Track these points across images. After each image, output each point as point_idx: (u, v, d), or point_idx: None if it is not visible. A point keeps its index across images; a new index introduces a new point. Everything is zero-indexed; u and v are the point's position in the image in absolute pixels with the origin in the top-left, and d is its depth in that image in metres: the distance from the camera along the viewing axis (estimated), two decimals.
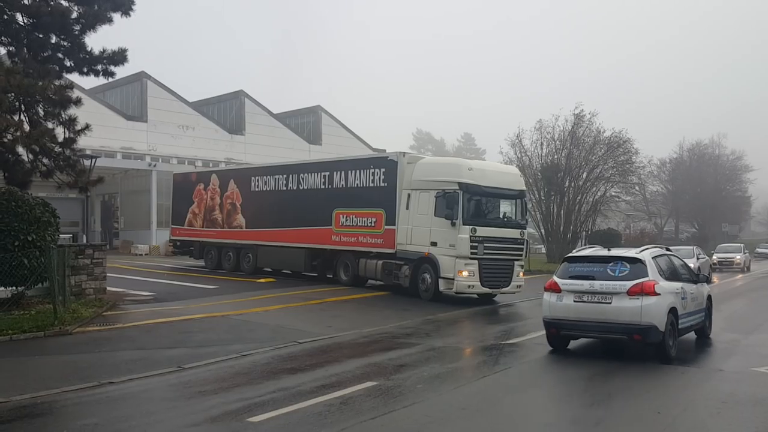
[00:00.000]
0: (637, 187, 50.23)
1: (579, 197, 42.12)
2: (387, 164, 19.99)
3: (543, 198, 41.77)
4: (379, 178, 20.11)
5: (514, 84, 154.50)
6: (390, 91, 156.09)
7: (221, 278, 22.97)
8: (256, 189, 24.85)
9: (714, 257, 39.47)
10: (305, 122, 58.24)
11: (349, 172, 21.16)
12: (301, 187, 22.96)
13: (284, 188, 23.67)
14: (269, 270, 24.91)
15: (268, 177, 24.47)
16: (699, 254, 29.45)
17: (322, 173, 22.16)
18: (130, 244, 38.38)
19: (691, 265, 24.68)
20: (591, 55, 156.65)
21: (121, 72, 18.08)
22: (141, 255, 35.62)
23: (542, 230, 42.92)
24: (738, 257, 39.50)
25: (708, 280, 14.16)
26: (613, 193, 44.34)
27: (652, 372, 9.96)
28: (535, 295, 21.92)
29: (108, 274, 16.91)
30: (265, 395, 8.17)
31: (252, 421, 7.05)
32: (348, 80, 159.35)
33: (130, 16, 16.47)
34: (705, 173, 69.51)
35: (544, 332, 11.63)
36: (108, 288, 16.69)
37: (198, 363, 9.96)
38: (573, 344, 11.90)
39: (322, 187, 22.10)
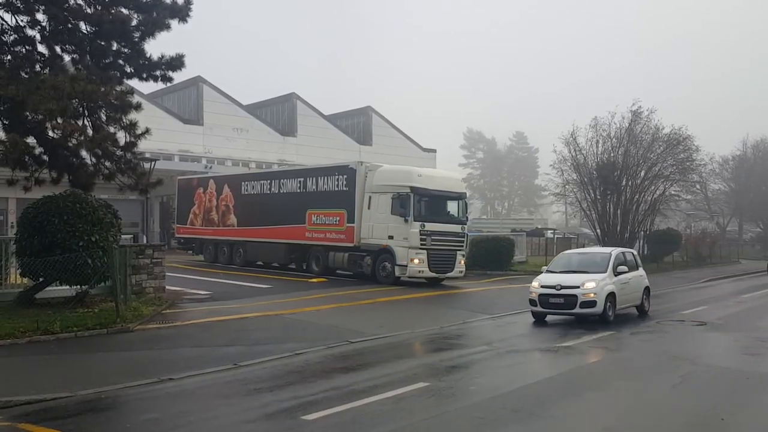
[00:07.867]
0: (698, 186, 48.45)
1: (636, 196, 40.87)
2: (348, 172, 23.32)
3: (599, 197, 40.77)
4: (342, 183, 23.47)
5: (566, 73, 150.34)
6: (440, 88, 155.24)
7: (274, 278, 23.34)
8: (245, 192, 28.06)
9: (535, 282, 15.56)
10: (356, 123, 58.52)
11: (319, 178, 24.58)
12: (281, 191, 26.28)
13: (268, 192, 26.96)
14: (260, 263, 27.48)
15: (255, 182, 27.95)
16: None
17: (298, 179, 25.61)
18: None
19: None
20: (645, 39, 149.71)
21: (178, 77, 18.58)
22: (198, 255, 36.42)
23: (598, 230, 41.84)
24: (589, 284, 14.59)
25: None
26: (672, 192, 42.81)
27: (716, 378, 9.62)
28: None
29: (167, 273, 17.39)
30: (319, 394, 8.25)
31: (306, 419, 7.13)
32: (399, 79, 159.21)
33: (186, 22, 16.76)
34: None
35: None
36: (167, 287, 17.17)
37: (253, 361, 10.15)
38: (628, 350, 11.71)
39: (298, 191, 25.46)
